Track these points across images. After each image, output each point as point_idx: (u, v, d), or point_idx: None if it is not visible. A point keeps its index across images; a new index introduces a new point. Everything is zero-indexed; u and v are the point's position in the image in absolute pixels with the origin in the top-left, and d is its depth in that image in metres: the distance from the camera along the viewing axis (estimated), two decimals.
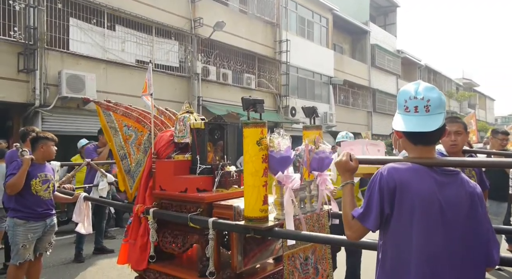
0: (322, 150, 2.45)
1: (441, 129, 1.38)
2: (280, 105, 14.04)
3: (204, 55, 11.44)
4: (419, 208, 1.31)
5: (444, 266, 1.31)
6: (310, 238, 1.92)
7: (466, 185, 1.38)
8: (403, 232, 1.34)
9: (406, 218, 1.33)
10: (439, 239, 1.31)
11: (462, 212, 1.34)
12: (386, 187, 1.34)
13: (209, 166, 2.65)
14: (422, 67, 25.68)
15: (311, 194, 2.42)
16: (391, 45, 22.18)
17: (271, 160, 2.11)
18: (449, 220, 1.32)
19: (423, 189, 1.32)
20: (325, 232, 2.31)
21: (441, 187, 1.34)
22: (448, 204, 1.33)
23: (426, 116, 1.36)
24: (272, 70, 14.01)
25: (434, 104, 1.35)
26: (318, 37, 16.69)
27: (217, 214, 2.28)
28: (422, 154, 1.41)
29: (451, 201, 1.33)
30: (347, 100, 19.02)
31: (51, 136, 3.47)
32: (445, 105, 1.40)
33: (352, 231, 1.44)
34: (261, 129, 2.09)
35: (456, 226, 1.32)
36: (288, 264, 1.95)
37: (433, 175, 1.36)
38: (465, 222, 1.33)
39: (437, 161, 1.40)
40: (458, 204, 1.34)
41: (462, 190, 1.36)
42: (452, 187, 1.35)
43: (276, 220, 2.08)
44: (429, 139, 1.40)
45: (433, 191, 1.33)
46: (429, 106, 1.35)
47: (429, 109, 1.35)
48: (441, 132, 1.39)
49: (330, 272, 2.27)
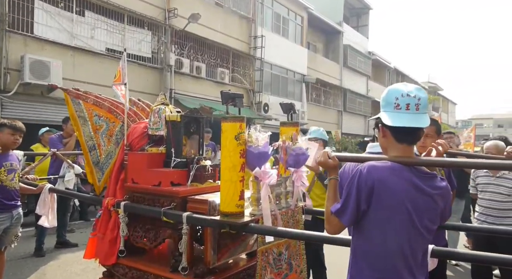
0: (299, 147, 2.46)
1: (423, 130, 1.44)
2: (253, 101, 14.05)
3: (177, 47, 11.21)
4: (393, 206, 1.36)
5: (407, 263, 1.38)
6: (286, 234, 1.93)
7: (439, 187, 1.43)
8: (377, 228, 1.39)
9: (381, 215, 1.38)
10: (408, 237, 1.37)
11: (431, 212, 1.40)
12: (364, 185, 1.38)
13: (184, 159, 2.59)
14: (391, 69, 26.55)
15: (286, 190, 2.43)
16: (363, 46, 22.75)
17: (249, 155, 2.10)
18: (419, 220, 1.37)
19: (399, 188, 1.36)
20: (299, 228, 2.33)
21: (416, 187, 1.38)
22: (420, 205, 1.38)
23: (417, 114, 1.40)
24: (246, 66, 13.97)
25: (423, 104, 1.40)
26: (293, 35, 16.82)
27: (192, 209, 2.24)
28: (403, 153, 1.45)
29: (423, 202, 1.38)
30: (319, 98, 19.34)
31: (9, 123, 3.24)
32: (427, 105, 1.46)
33: (330, 226, 1.49)
34: (239, 123, 2.07)
35: (424, 226, 1.39)
36: (262, 259, 1.95)
37: (410, 175, 1.40)
38: (432, 222, 1.41)
39: (413, 160, 1.44)
40: (429, 206, 1.39)
41: (435, 192, 1.41)
42: (426, 188, 1.39)
43: (252, 215, 2.07)
44: (414, 138, 1.44)
45: (408, 190, 1.37)
46: (419, 104, 1.39)
47: (419, 108, 1.39)
48: (422, 132, 1.44)
49: (303, 268, 2.29)
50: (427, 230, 1.40)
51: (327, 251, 3.47)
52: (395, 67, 27.07)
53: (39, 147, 5.53)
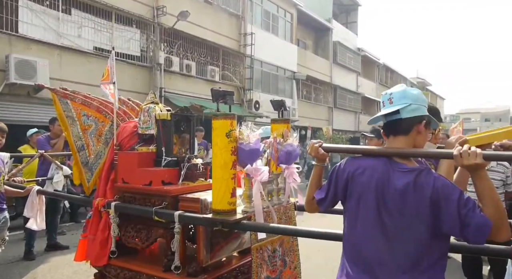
0: (290, 144, 2.47)
1: (408, 120, 1.45)
2: (244, 99, 14.02)
3: (167, 45, 11.12)
4: (362, 200, 1.44)
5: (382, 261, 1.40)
6: (278, 230, 1.93)
7: (422, 182, 1.37)
8: (349, 221, 1.51)
9: (352, 209, 1.49)
10: (377, 232, 1.41)
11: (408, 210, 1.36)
12: (340, 178, 1.53)
13: (175, 158, 2.57)
14: (380, 65, 26.73)
15: (278, 187, 2.43)
16: (352, 43, 22.86)
17: (240, 153, 2.09)
18: (389, 216, 1.39)
19: (370, 182, 1.43)
20: (292, 225, 2.33)
21: (389, 182, 1.40)
22: (389, 201, 1.39)
23: (389, 107, 1.50)
24: (236, 63, 13.93)
25: (396, 97, 1.49)
26: (283, 32, 16.81)
27: (183, 208, 2.23)
28: (392, 145, 1.49)
29: (393, 198, 1.38)
30: (309, 95, 19.40)
31: None
32: (414, 97, 1.47)
33: (309, 208, 1.69)
34: (230, 121, 2.07)
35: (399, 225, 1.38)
36: (257, 256, 1.95)
37: (387, 170, 1.42)
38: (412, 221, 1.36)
39: (391, 151, 1.47)
40: (403, 202, 1.36)
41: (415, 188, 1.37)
42: (403, 184, 1.37)
43: (244, 213, 2.07)
44: (395, 128, 1.49)
45: (379, 185, 1.41)
46: (392, 98, 1.50)
47: (392, 101, 1.49)
48: (408, 123, 1.46)
49: (297, 264, 2.30)
50: (406, 229, 1.36)
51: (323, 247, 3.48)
52: (384, 63, 27.26)
53: (28, 149, 5.44)
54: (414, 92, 1.50)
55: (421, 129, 1.46)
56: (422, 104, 1.48)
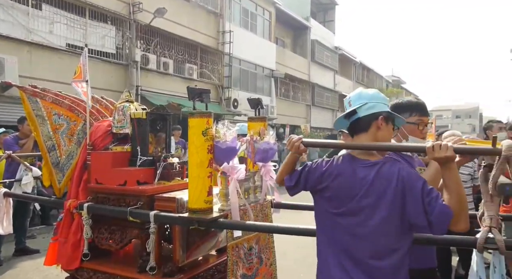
0: (267, 141, 2.47)
1: (365, 118, 1.52)
2: (222, 97, 13.96)
3: (143, 42, 10.91)
4: (335, 194, 1.49)
5: (337, 256, 1.46)
6: (254, 228, 1.94)
7: (386, 172, 1.41)
8: (316, 216, 1.58)
9: (319, 203, 1.56)
10: (346, 224, 1.46)
11: (375, 199, 1.40)
12: (314, 170, 1.56)
13: (151, 157, 2.53)
14: (357, 64, 27.22)
15: (255, 185, 2.44)
16: (329, 41, 23.16)
17: (216, 151, 2.08)
18: (360, 206, 1.43)
19: (336, 178, 1.49)
20: (269, 222, 2.35)
21: (354, 176, 1.45)
22: (359, 192, 1.43)
23: (348, 109, 1.58)
24: (214, 61, 13.85)
25: (353, 99, 1.58)
26: (261, 30, 16.83)
27: (159, 207, 2.20)
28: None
29: (363, 189, 1.42)
30: (287, 93, 19.53)
31: None
32: (369, 96, 1.55)
33: (279, 183, 1.75)
34: (207, 119, 2.06)
35: (367, 212, 1.41)
36: (232, 254, 1.95)
37: (354, 165, 1.49)
38: (375, 208, 1.41)
39: (366, 145, 1.52)
40: (370, 192, 1.41)
41: (379, 178, 1.41)
42: (366, 176, 1.42)
43: (221, 211, 2.06)
44: (356, 128, 1.56)
45: (344, 181, 1.47)
46: (350, 101, 1.59)
47: (351, 104, 1.58)
48: (366, 120, 1.52)
49: (273, 261, 2.32)
50: (374, 220, 1.40)
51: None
52: (361, 61, 27.78)
53: None
54: (370, 92, 1.58)
55: (379, 125, 1.51)
56: (379, 102, 1.54)
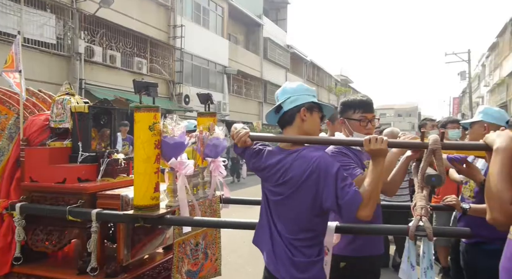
0: (216, 137, 2.47)
1: (289, 111, 1.59)
2: (173, 93, 13.64)
3: (88, 33, 10.30)
4: (264, 177, 1.61)
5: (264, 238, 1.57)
6: (203, 223, 1.93)
7: (303, 158, 1.49)
8: (263, 186, 1.67)
9: (262, 179, 1.65)
10: (268, 208, 1.58)
11: (293, 183, 1.49)
12: (255, 155, 1.66)
13: (93, 153, 2.41)
14: (308, 62, 27.96)
15: (204, 180, 2.42)
16: (281, 39, 23.54)
17: (164, 146, 2.04)
18: (279, 189, 1.52)
19: (266, 164, 1.59)
20: (217, 217, 2.34)
21: (278, 163, 1.54)
22: (281, 177, 1.52)
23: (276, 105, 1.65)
24: (165, 56, 13.47)
25: (279, 95, 1.66)
26: (214, 26, 16.66)
27: (102, 205, 2.11)
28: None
29: (282, 174, 1.51)
30: (240, 90, 19.57)
31: None
32: (292, 90, 1.62)
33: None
34: (154, 113, 2.01)
35: (285, 194, 1.51)
36: (179, 251, 1.93)
37: (279, 154, 1.58)
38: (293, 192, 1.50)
39: (305, 138, 1.60)
40: (289, 176, 1.49)
41: (297, 163, 1.50)
42: (287, 163, 1.51)
43: (168, 207, 2.02)
44: (283, 122, 1.64)
45: (271, 167, 1.56)
46: (277, 97, 1.68)
47: (278, 100, 1.65)
48: (290, 113, 1.59)
49: (218, 256, 2.32)
50: (291, 203, 1.49)
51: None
52: (312, 60, 28.58)
53: None
54: (293, 86, 1.65)
55: (302, 116, 1.57)
56: (302, 94, 1.60)
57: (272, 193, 1.57)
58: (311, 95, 1.63)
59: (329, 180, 1.43)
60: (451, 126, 3.66)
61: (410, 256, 1.61)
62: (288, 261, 1.48)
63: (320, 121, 1.65)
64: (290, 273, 1.47)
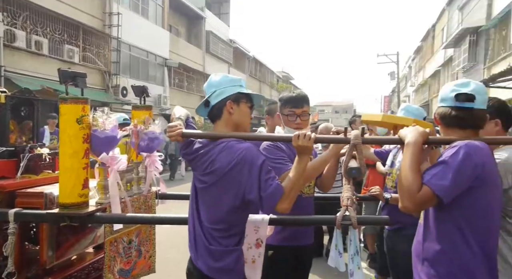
0: (152, 131, 2.39)
1: (217, 105, 1.58)
2: (109, 84, 12.91)
3: (8, 15, 9.29)
4: (193, 167, 1.63)
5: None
6: (134, 220, 1.86)
7: (230, 148, 1.50)
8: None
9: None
10: (195, 197, 1.60)
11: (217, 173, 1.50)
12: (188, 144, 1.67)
13: (12, 148, 2.20)
14: (250, 58, 28.16)
15: (138, 176, 2.34)
16: (224, 34, 23.40)
17: (94, 140, 1.93)
18: (204, 179, 1.54)
19: (196, 154, 1.60)
20: (152, 214, 2.28)
21: (204, 154, 1.56)
22: (207, 167, 1.52)
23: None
24: (100, 45, 12.66)
25: (206, 89, 1.65)
26: (153, 16, 16.02)
27: (22, 204, 1.93)
28: (216, 130, 1.64)
29: (208, 165, 1.52)
30: (181, 83, 19.13)
31: None
32: (216, 83, 1.61)
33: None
34: (82, 106, 1.88)
35: (208, 184, 1.53)
36: (110, 250, 1.84)
37: (207, 147, 1.57)
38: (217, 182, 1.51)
39: (236, 135, 1.59)
40: (215, 169, 1.50)
41: (224, 154, 1.51)
42: (213, 155, 1.52)
43: (98, 204, 1.92)
44: (212, 116, 1.64)
45: (200, 157, 1.57)
46: (205, 91, 1.66)
47: (206, 93, 1.64)
48: (217, 107, 1.59)
49: (153, 253, 2.27)
50: (214, 193, 1.51)
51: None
52: (254, 56, 28.84)
53: None
54: (218, 78, 1.63)
55: (229, 109, 1.57)
56: (227, 86, 1.59)
57: (199, 181, 1.57)
58: (237, 85, 1.62)
59: (253, 172, 1.44)
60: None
61: (337, 244, 1.71)
62: (205, 250, 1.49)
63: (250, 109, 1.65)
64: (206, 263, 1.48)
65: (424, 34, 25.15)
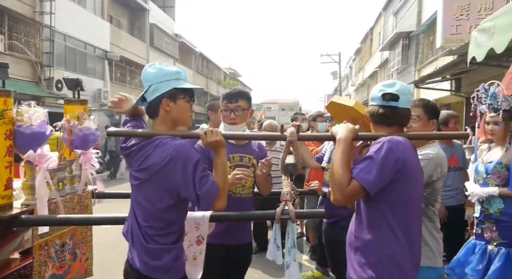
0: (87, 127, 2.26)
1: (153, 102, 1.52)
2: (41, 77, 11.92)
3: None
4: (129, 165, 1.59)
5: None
6: (68, 221, 1.75)
7: (165, 145, 1.45)
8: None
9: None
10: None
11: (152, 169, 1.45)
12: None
13: None
14: (197, 53, 27.69)
15: (72, 174, 2.20)
16: (169, 27, 22.72)
17: (18, 137, 1.78)
18: (138, 175, 1.49)
19: (131, 149, 1.55)
20: (88, 214, 2.16)
21: (140, 151, 1.51)
22: (141, 164, 1.48)
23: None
24: (30, 33, 11.62)
25: (143, 82, 1.58)
26: (92, 5, 15.08)
27: None
28: (153, 128, 1.57)
29: (142, 162, 1.48)
30: (124, 78, 18.27)
31: None
32: (151, 77, 1.53)
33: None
34: (4, 99, 1.74)
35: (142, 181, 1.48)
36: (40, 254, 1.71)
37: (143, 144, 1.51)
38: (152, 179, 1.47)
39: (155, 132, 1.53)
40: (149, 165, 1.45)
41: (159, 150, 1.46)
42: (148, 151, 1.47)
43: (24, 206, 1.77)
44: (149, 112, 1.57)
45: (135, 154, 1.52)
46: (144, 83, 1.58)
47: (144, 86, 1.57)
48: (154, 104, 1.53)
49: (89, 255, 2.15)
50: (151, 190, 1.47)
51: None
52: (201, 52, 28.40)
53: None
54: (153, 71, 1.54)
55: (165, 107, 1.50)
56: (163, 80, 1.51)
57: (133, 178, 1.52)
58: (173, 79, 1.52)
59: (188, 170, 1.41)
60: (320, 120, 4.11)
61: (276, 238, 1.76)
62: (143, 249, 1.45)
63: (189, 103, 1.56)
64: (144, 262, 1.44)
65: (363, 37, 26.61)
